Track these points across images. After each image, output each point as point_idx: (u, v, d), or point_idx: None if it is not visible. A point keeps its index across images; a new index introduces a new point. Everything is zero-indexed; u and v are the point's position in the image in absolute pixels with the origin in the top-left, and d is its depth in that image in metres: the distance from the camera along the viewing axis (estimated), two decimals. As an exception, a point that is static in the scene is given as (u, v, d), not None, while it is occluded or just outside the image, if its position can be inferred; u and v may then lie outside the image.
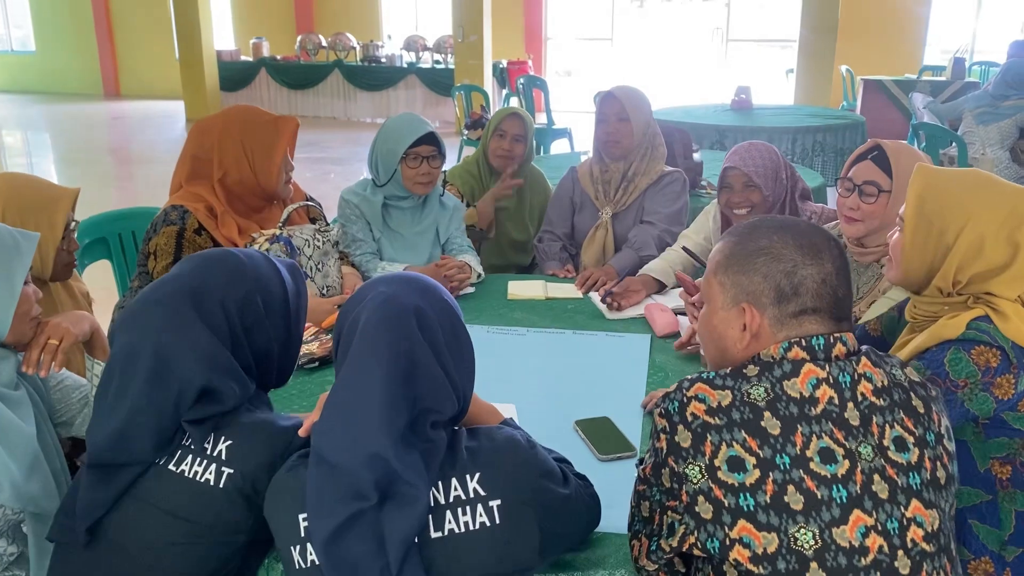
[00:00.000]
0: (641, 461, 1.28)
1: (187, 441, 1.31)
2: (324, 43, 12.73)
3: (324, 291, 2.49)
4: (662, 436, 1.19)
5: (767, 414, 1.14)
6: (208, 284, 1.36)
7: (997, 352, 1.45)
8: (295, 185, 2.62)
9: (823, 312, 1.21)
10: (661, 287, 2.64)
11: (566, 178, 3.14)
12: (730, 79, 13.26)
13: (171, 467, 1.30)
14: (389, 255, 2.78)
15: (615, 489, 1.45)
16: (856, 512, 1.10)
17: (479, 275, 2.76)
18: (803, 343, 1.19)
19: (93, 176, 8.88)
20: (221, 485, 1.28)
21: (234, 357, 1.34)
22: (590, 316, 2.48)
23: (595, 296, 2.61)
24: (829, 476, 1.11)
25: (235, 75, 12.77)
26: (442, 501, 1.16)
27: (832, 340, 1.19)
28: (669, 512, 1.19)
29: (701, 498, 1.13)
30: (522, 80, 8.56)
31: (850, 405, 1.16)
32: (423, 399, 1.17)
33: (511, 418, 1.46)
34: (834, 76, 10.04)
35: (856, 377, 1.17)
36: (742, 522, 1.11)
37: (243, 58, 13.16)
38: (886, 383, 1.19)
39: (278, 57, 13.02)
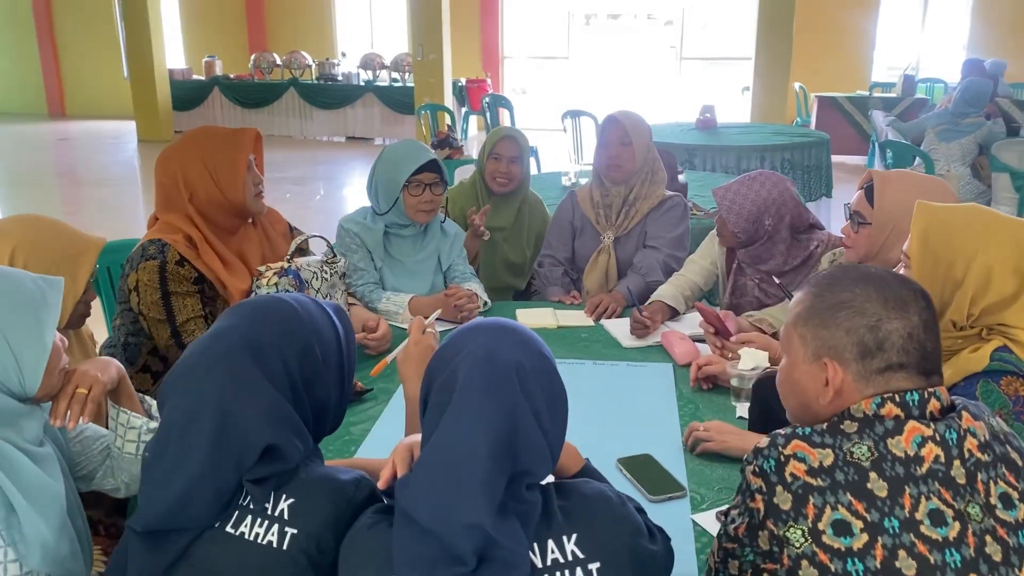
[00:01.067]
0: (726, 515, 1.23)
1: (245, 501, 1.23)
2: (279, 61, 12.56)
3: (331, 324, 2.41)
4: (758, 496, 1.14)
5: (872, 475, 1.09)
6: (267, 337, 1.27)
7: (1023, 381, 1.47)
8: (272, 212, 2.54)
9: (910, 368, 1.17)
10: (674, 313, 2.61)
11: (565, 202, 3.10)
12: (685, 97, 13.46)
13: (228, 529, 1.21)
14: (391, 284, 2.71)
15: (669, 532, 1.40)
16: None
17: (485, 303, 2.70)
18: (896, 399, 1.15)
19: (43, 201, 8.58)
20: (285, 547, 1.19)
21: (295, 411, 1.27)
22: (606, 345, 2.44)
23: (608, 324, 2.57)
24: (941, 540, 1.07)
25: (187, 94, 12.54)
26: (539, 565, 1.10)
27: (926, 396, 1.15)
28: (765, 574, 1.14)
29: (805, 562, 1.08)
30: (487, 99, 8.54)
31: (956, 463, 1.11)
32: (522, 463, 1.11)
33: (588, 459, 1.40)
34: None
35: (962, 433, 1.13)
36: None
37: (195, 77, 12.92)
38: (987, 437, 1.15)
39: (231, 76, 12.81)
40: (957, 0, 12.68)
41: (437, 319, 2.59)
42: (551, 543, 1.11)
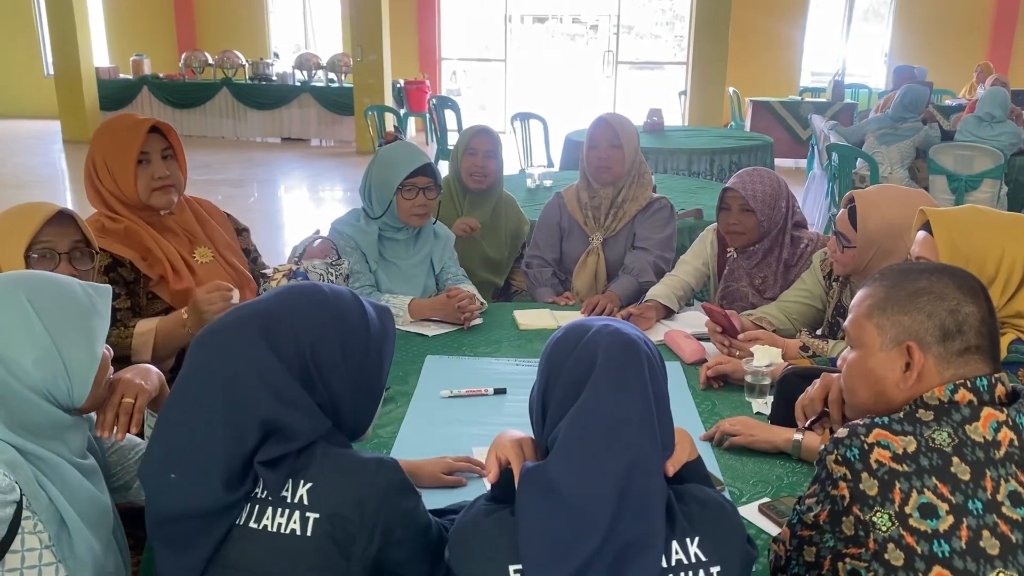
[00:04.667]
0: (799, 501, 1.27)
1: (263, 493, 1.20)
2: (211, 60, 12.27)
3: (334, 328, 2.38)
4: (841, 484, 1.18)
5: (955, 459, 1.15)
6: (281, 310, 1.26)
7: None
8: (208, 203, 2.48)
9: (984, 351, 1.24)
10: (668, 313, 2.66)
11: (552, 203, 3.12)
12: (622, 100, 13.65)
13: (252, 524, 1.18)
14: (386, 287, 2.69)
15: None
16: None
17: (482, 303, 2.70)
18: (968, 384, 1.21)
19: (-32, 202, 8.21)
20: (310, 533, 1.16)
21: (308, 393, 1.24)
22: (610, 345, 2.46)
23: (607, 324, 2.59)
24: (1020, 519, 1.13)
25: (114, 93, 12.12)
26: (664, 565, 1.12)
27: (993, 381, 1.22)
28: (848, 559, 1.18)
29: (891, 545, 1.13)
30: (433, 100, 8.50)
31: None
32: (659, 436, 1.16)
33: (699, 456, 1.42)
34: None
35: None
36: (937, 568, 1.11)
37: (122, 76, 12.51)
38: None
39: (161, 75, 12.45)
40: (879, 10, 13.21)
41: (437, 321, 2.60)
42: (675, 544, 1.13)
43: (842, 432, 1.21)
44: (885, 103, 7.46)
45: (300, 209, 8.29)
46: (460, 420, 1.97)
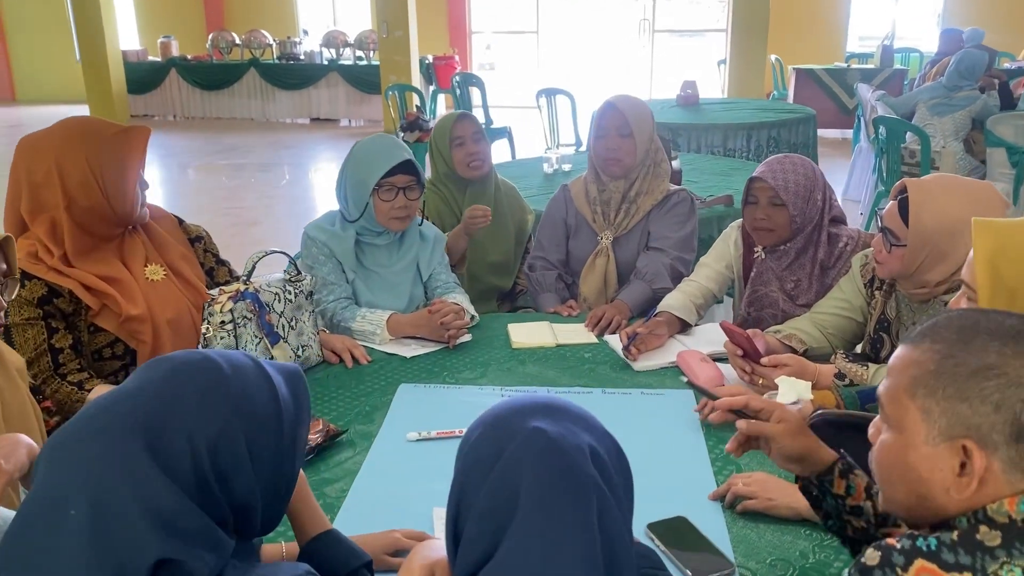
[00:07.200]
0: None
1: None
2: (238, 41, 12.07)
3: (298, 352, 2.09)
4: None
5: None
6: (172, 412, 0.94)
7: None
8: (154, 208, 2.16)
9: None
10: (684, 326, 2.32)
11: (558, 198, 2.79)
12: (658, 71, 13.14)
13: None
14: (366, 299, 2.39)
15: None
16: None
17: (472, 317, 2.39)
18: None
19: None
20: None
21: (204, 510, 0.94)
22: (614, 367, 2.14)
23: (613, 340, 2.27)
24: None
25: (143, 76, 12.01)
26: None
27: None
28: None
29: None
30: (457, 77, 8.17)
31: None
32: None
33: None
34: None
35: None
36: None
37: (151, 58, 12.38)
38: None
39: (189, 57, 12.30)
40: (932, -33, 12.49)
41: (420, 339, 2.31)
42: None
43: (872, 557, 0.88)
44: (938, 70, 6.94)
45: (329, 192, 8.06)
46: (425, 472, 1.67)
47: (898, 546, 0.88)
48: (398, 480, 1.64)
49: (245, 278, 1.99)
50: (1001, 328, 0.92)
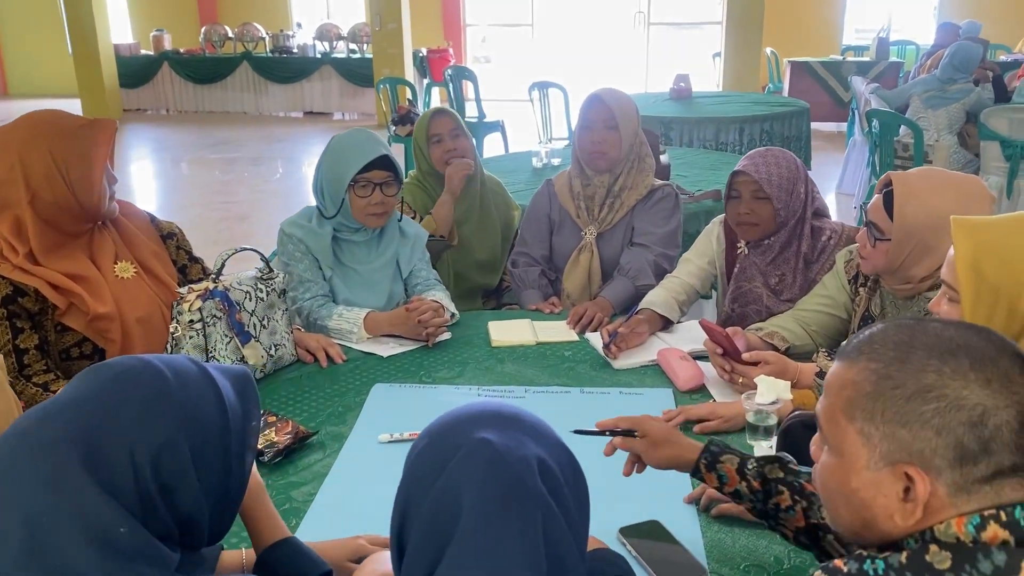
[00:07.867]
0: None
1: None
2: (231, 34, 12.00)
3: (271, 351, 2.05)
4: None
5: None
6: (111, 424, 0.90)
7: None
8: (126, 204, 2.12)
9: None
10: (666, 324, 2.29)
11: (541, 192, 2.75)
12: (654, 64, 13.08)
13: None
14: (343, 296, 2.35)
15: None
16: None
17: (452, 315, 2.35)
18: (1002, 518, 0.81)
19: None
20: None
21: (147, 526, 0.90)
22: (594, 366, 2.11)
23: (594, 338, 2.23)
24: None
25: (135, 70, 11.96)
26: None
27: None
28: None
29: None
30: (450, 71, 8.10)
31: None
32: None
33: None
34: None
35: None
36: None
37: (143, 52, 12.30)
38: None
39: (181, 50, 12.22)
40: (928, -41, 12.43)
41: (397, 337, 2.27)
42: None
43: None
44: (933, 63, 6.89)
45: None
46: (396, 475, 1.59)
47: (845, 570, 0.84)
48: (368, 483, 1.61)
49: (214, 276, 1.95)
50: (939, 343, 0.86)
